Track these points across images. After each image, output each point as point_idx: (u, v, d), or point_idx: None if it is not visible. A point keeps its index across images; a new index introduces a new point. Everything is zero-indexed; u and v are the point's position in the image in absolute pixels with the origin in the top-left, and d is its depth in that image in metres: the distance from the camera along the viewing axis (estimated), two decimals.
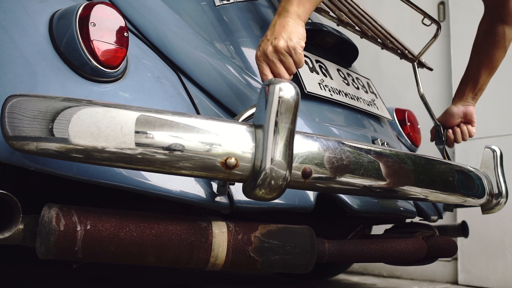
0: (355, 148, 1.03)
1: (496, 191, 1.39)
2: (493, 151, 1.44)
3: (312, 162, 0.95)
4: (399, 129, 1.95)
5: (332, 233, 1.88)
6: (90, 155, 0.79)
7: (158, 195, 0.98)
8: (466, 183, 1.27)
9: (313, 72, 1.39)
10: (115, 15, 1.07)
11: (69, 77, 1.01)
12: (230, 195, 1.05)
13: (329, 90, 1.41)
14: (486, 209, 1.41)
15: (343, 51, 1.62)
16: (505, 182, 1.42)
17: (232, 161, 0.85)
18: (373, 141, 1.44)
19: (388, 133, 1.64)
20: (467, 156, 2.38)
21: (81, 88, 1.00)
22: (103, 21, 1.04)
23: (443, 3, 2.69)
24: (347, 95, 1.47)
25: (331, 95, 1.40)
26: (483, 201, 1.34)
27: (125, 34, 1.07)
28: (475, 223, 2.27)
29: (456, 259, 2.42)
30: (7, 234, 0.87)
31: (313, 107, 1.36)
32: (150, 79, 1.14)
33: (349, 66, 1.67)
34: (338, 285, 2.27)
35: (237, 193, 1.04)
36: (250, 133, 0.88)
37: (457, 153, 2.44)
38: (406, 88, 2.66)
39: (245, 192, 0.91)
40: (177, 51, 1.28)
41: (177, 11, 1.34)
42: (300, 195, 1.17)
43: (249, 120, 1.06)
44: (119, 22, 1.07)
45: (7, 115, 0.79)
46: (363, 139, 1.41)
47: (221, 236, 1.00)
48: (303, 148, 0.95)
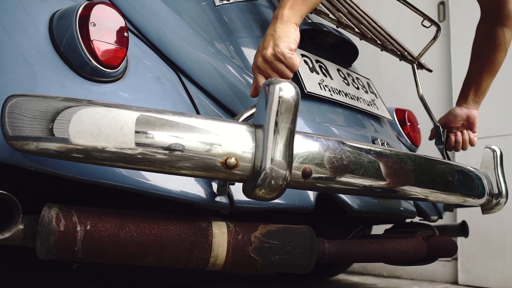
0: (355, 148, 1.03)
1: (496, 191, 1.39)
2: (493, 151, 1.44)
3: (312, 162, 0.95)
4: (399, 129, 1.95)
5: (332, 233, 1.88)
6: (90, 155, 0.79)
7: (158, 195, 0.98)
8: (466, 183, 1.27)
9: (313, 72, 1.39)
10: (115, 15, 1.07)
11: (69, 77, 1.01)
12: (230, 195, 1.05)
13: (329, 90, 1.41)
14: (486, 209, 1.41)
15: (343, 51, 1.62)
16: (505, 182, 1.42)
17: (232, 161, 0.85)
18: (373, 141, 1.44)
19: (388, 133, 1.64)
20: (467, 156, 2.38)
21: (81, 88, 1.00)
22: (103, 21, 1.04)
23: (443, 3, 2.69)
24: (347, 95, 1.47)
25: (331, 95, 1.40)
26: (483, 201, 1.34)
27: (125, 34, 1.07)
28: (475, 223, 2.27)
29: (456, 259, 2.42)
30: (7, 234, 0.87)
31: (313, 107, 1.36)
32: (150, 79, 1.14)
33: (349, 66, 1.67)
34: (338, 285, 2.27)
35: (237, 193, 1.04)
36: (250, 133, 0.88)
37: (457, 153, 2.44)
38: (406, 88, 2.66)
39: (245, 192, 0.91)
40: (177, 51, 1.28)
41: (177, 11, 1.34)
42: (300, 195, 1.17)
43: (249, 120, 1.06)
44: (119, 22, 1.07)
45: (7, 115, 0.79)
46: (363, 139, 1.41)
47: (221, 236, 1.00)
48: (303, 148, 0.95)
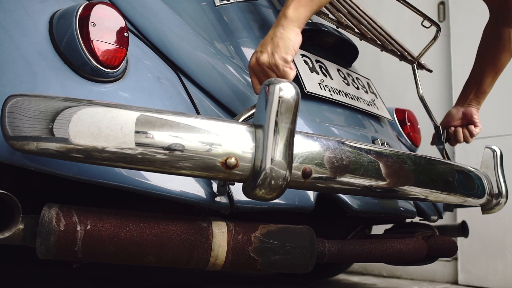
0: (355, 148, 1.03)
1: (496, 191, 1.39)
2: (493, 151, 1.44)
3: (312, 162, 0.95)
4: (399, 129, 1.95)
5: (332, 233, 1.88)
6: (90, 155, 0.79)
7: (158, 195, 0.98)
8: (466, 183, 1.27)
9: (313, 72, 1.39)
10: (115, 15, 1.07)
11: (69, 77, 1.01)
12: (230, 195, 1.05)
13: (329, 90, 1.41)
14: (486, 209, 1.41)
15: (343, 51, 1.62)
16: (505, 182, 1.42)
17: (232, 161, 0.85)
18: (373, 141, 1.44)
19: (388, 133, 1.64)
20: (467, 156, 2.38)
21: (81, 88, 1.00)
22: (103, 21, 1.04)
23: (443, 3, 2.69)
24: (347, 95, 1.47)
25: (331, 95, 1.40)
26: (483, 201, 1.34)
27: (125, 34, 1.07)
28: (475, 223, 2.27)
29: (456, 259, 2.42)
30: (7, 234, 0.87)
31: (313, 107, 1.36)
32: (150, 79, 1.14)
33: (349, 66, 1.67)
34: (338, 285, 2.27)
35: (237, 193, 1.04)
36: (250, 133, 0.88)
37: (457, 153, 2.44)
38: (406, 88, 2.66)
39: (245, 192, 0.91)
40: (177, 51, 1.28)
41: (177, 11, 1.34)
42: (300, 195, 1.17)
43: (249, 120, 1.06)
44: (119, 22, 1.07)
45: (7, 115, 0.79)
46: (363, 139, 1.41)
47: (221, 236, 1.00)
48: (303, 148, 0.95)
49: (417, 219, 1.70)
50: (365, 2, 2.17)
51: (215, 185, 1.03)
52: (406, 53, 1.71)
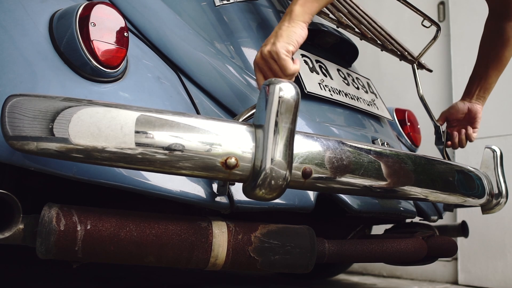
0: (355, 148, 1.03)
1: (496, 191, 1.39)
2: (493, 151, 1.44)
3: (312, 162, 0.95)
4: (399, 129, 1.95)
5: (332, 233, 1.88)
6: (90, 155, 0.80)
7: (158, 195, 0.98)
8: (466, 183, 1.27)
9: (313, 72, 1.39)
10: (115, 15, 1.07)
11: (69, 77, 1.01)
12: (230, 195, 1.05)
13: (329, 90, 1.41)
14: (486, 209, 1.41)
15: (343, 51, 1.62)
16: (505, 182, 1.42)
17: (232, 161, 0.85)
18: (373, 141, 1.44)
19: (388, 133, 1.64)
20: (467, 156, 2.38)
21: (81, 88, 1.00)
22: (103, 21, 1.04)
23: (443, 3, 2.69)
24: (347, 95, 1.47)
25: (331, 95, 1.40)
26: (483, 201, 1.34)
27: (125, 34, 1.07)
28: (475, 223, 2.27)
29: (456, 259, 2.42)
30: (7, 234, 0.87)
31: (313, 107, 1.36)
32: (150, 79, 1.14)
33: (349, 66, 1.67)
34: (338, 285, 2.27)
35: (237, 193, 1.04)
36: (250, 133, 0.88)
37: (457, 153, 2.44)
38: (406, 88, 2.66)
39: (245, 192, 0.91)
40: (177, 51, 1.28)
41: (177, 11, 1.34)
42: (300, 195, 1.17)
43: (249, 120, 1.06)
44: (119, 22, 1.07)
45: (7, 115, 0.79)
46: (363, 139, 1.41)
47: (221, 236, 1.00)
48: (303, 148, 0.95)
49: (417, 219, 1.70)
50: (365, 2, 2.17)
51: (215, 185, 1.03)
52: (406, 53, 1.71)
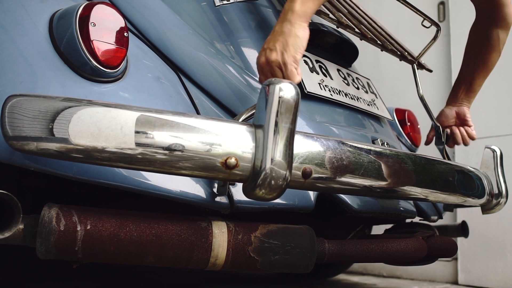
0: (355, 148, 1.03)
1: (496, 191, 1.39)
2: (493, 151, 1.44)
3: (312, 162, 0.95)
4: (399, 129, 1.95)
5: (332, 233, 1.88)
6: (90, 155, 0.80)
7: (158, 195, 0.98)
8: (466, 183, 1.27)
9: (313, 72, 1.39)
10: (115, 15, 1.07)
11: (69, 77, 1.01)
12: (230, 195, 1.05)
13: (329, 90, 1.41)
14: (486, 209, 1.41)
15: (343, 51, 1.62)
16: (505, 182, 1.42)
17: (232, 161, 0.85)
18: (373, 141, 1.44)
19: (388, 133, 1.64)
20: (467, 156, 2.38)
21: (81, 88, 1.00)
22: (103, 21, 1.04)
23: (443, 3, 2.69)
24: (347, 95, 1.47)
25: (331, 95, 1.40)
26: (483, 201, 1.34)
27: (125, 34, 1.07)
28: (475, 223, 2.27)
29: (456, 259, 2.42)
30: (7, 234, 0.87)
31: (313, 107, 1.36)
32: (150, 79, 1.14)
33: (349, 66, 1.67)
34: (338, 285, 2.27)
35: (237, 193, 1.04)
36: (250, 133, 0.88)
37: (457, 153, 2.44)
38: (406, 88, 2.66)
39: (245, 192, 0.91)
40: (177, 51, 1.28)
41: (177, 11, 1.34)
42: (300, 195, 1.17)
43: (249, 120, 1.06)
44: (119, 22, 1.07)
45: (7, 115, 0.79)
46: (363, 139, 1.41)
47: (221, 236, 1.00)
48: (303, 148, 0.95)
49: (417, 219, 1.70)
50: (365, 2, 2.17)
51: (215, 185, 1.03)
52: (406, 53, 1.71)
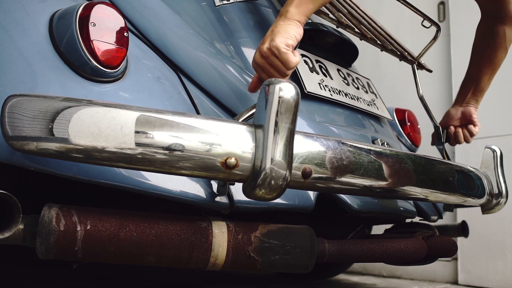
0: (355, 148, 1.03)
1: (496, 191, 1.39)
2: (493, 151, 1.44)
3: (312, 162, 0.95)
4: (399, 129, 1.95)
5: (332, 233, 1.88)
6: (90, 155, 0.80)
7: (158, 195, 0.98)
8: (466, 183, 1.27)
9: (313, 72, 1.39)
10: (115, 15, 1.07)
11: (69, 77, 1.01)
12: (230, 195, 1.05)
13: (329, 90, 1.41)
14: (486, 209, 1.41)
15: (343, 51, 1.62)
16: (505, 182, 1.42)
17: (232, 161, 0.85)
18: (373, 141, 1.44)
19: (388, 133, 1.64)
20: (467, 156, 2.38)
21: (81, 88, 1.00)
22: (103, 21, 1.04)
23: (443, 3, 2.69)
24: (347, 95, 1.47)
25: (331, 95, 1.40)
26: (483, 201, 1.34)
27: (125, 34, 1.07)
28: (475, 223, 2.27)
29: (456, 259, 2.42)
30: (7, 234, 0.87)
31: (313, 107, 1.36)
32: (150, 79, 1.14)
33: (349, 66, 1.67)
34: (338, 285, 2.27)
35: (237, 193, 1.04)
36: (250, 133, 0.88)
37: (457, 153, 2.44)
38: (406, 88, 2.66)
39: (245, 192, 0.91)
40: (177, 51, 1.28)
41: (177, 11, 1.34)
42: (300, 195, 1.17)
43: (249, 120, 1.06)
44: (119, 22, 1.07)
45: (7, 115, 0.79)
46: (363, 139, 1.41)
47: (221, 236, 1.00)
48: (303, 148, 0.95)
49: (417, 219, 1.70)
50: (365, 2, 2.17)
51: (215, 185, 1.03)
52: (406, 53, 1.71)
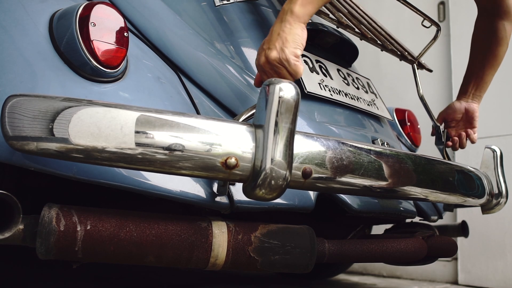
0: (355, 148, 1.03)
1: (496, 191, 1.39)
2: (493, 151, 1.44)
3: (312, 162, 0.95)
4: (399, 129, 1.95)
5: (332, 233, 1.88)
6: (90, 155, 0.80)
7: (158, 195, 0.98)
8: (466, 183, 1.27)
9: (313, 72, 1.39)
10: (115, 15, 1.07)
11: (69, 77, 1.01)
12: (230, 195, 1.05)
13: (329, 90, 1.41)
14: (486, 209, 1.41)
15: (343, 51, 1.62)
16: (505, 182, 1.42)
17: (232, 161, 0.85)
18: (373, 141, 1.44)
19: (388, 133, 1.64)
20: (467, 156, 2.38)
21: (81, 88, 1.00)
22: (103, 21, 1.04)
23: (443, 3, 2.69)
24: (347, 95, 1.47)
25: (331, 95, 1.40)
26: (483, 201, 1.34)
27: (125, 34, 1.07)
28: (475, 223, 2.27)
29: (456, 259, 2.42)
30: (7, 234, 0.87)
31: (313, 107, 1.36)
32: (150, 79, 1.14)
33: (349, 66, 1.67)
34: (338, 285, 2.27)
35: (237, 193, 1.04)
36: (250, 133, 0.88)
37: (457, 153, 2.44)
38: (406, 88, 2.66)
39: (245, 192, 0.91)
40: (177, 51, 1.28)
41: (177, 11, 1.34)
42: (300, 195, 1.17)
43: (249, 120, 1.06)
44: (119, 22, 1.07)
45: (7, 115, 0.79)
46: (363, 139, 1.41)
47: (221, 236, 1.00)
48: (303, 148, 0.95)
49: (417, 219, 1.70)
50: (365, 2, 2.17)
51: (215, 185, 1.03)
52: (406, 53, 1.71)
